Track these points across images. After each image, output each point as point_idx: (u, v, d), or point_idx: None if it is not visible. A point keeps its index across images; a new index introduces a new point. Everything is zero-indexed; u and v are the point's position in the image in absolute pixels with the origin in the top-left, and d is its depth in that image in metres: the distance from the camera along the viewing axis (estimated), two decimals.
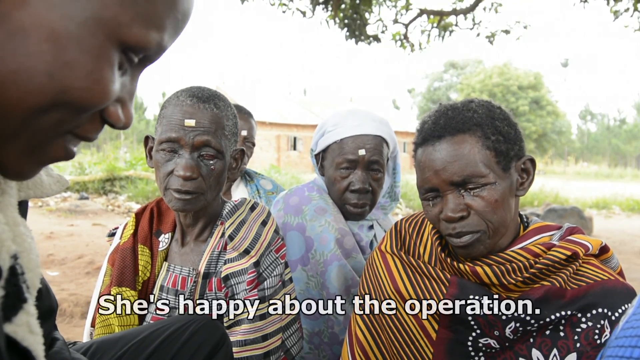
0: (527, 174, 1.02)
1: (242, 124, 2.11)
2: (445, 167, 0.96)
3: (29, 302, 0.47)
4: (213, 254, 1.23)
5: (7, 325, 0.44)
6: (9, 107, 0.41)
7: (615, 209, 11.45)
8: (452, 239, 0.99)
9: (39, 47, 0.40)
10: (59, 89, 0.41)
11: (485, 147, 0.96)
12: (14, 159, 0.45)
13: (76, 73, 0.41)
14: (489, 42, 7.49)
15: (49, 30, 0.40)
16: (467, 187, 0.96)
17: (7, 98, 0.40)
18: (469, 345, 1.00)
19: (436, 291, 1.04)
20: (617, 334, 0.62)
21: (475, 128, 0.97)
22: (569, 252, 0.95)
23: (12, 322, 0.45)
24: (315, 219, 1.52)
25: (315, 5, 6.56)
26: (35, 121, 0.43)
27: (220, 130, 1.21)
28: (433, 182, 0.98)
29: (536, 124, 35.88)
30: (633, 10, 6.25)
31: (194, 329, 1.01)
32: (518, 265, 0.96)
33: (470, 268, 0.98)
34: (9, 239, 0.45)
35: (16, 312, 0.45)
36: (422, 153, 1.01)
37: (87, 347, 0.95)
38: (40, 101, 0.41)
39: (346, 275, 1.49)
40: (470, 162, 0.95)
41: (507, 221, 0.98)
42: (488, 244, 0.98)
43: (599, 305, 0.92)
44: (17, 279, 0.46)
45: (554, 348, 0.94)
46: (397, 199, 1.70)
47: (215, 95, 1.24)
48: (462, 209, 0.96)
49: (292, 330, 1.32)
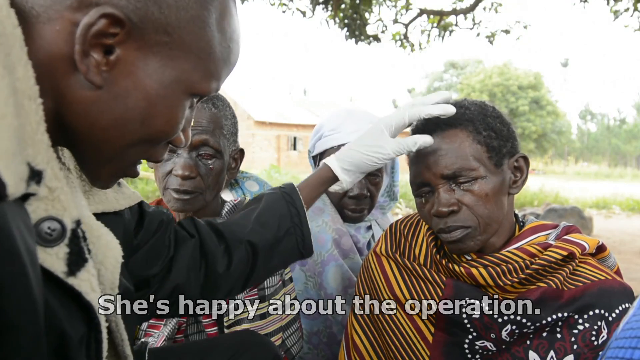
0: (520, 172, 1.02)
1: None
2: (436, 160, 0.97)
3: (89, 262, 0.55)
4: None
5: (71, 278, 0.51)
6: (110, 143, 0.57)
7: (615, 209, 11.45)
8: (443, 234, 0.99)
9: (137, 104, 0.55)
10: (146, 132, 0.57)
11: (477, 141, 0.97)
12: (104, 176, 0.62)
13: (160, 121, 0.57)
14: (489, 42, 7.49)
15: (145, 93, 0.55)
16: (458, 181, 0.96)
17: (109, 137, 0.56)
18: (465, 347, 1.00)
19: (432, 294, 1.03)
20: (617, 335, 0.62)
21: (467, 123, 0.98)
22: (565, 252, 0.94)
23: (77, 277, 0.52)
24: (313, 220, 1.51)
25: (315, 5, 6.56)
26: (125, 153, 0.59)
27: (218, 130, 1.21)
28: (425, 176, 0.99)
29: (536, 124, 35.87)
30: (633, 10, 6.25)
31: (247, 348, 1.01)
32: (514, 266, 0.95)
33: (466, 270, 0.98)
34: (73, 207, 0.54)
35: (79, 268, 0.52)
36: (417, 152, 1.02)
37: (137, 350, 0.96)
38: (132, 140, 0.57)
39: (343, 275, 1.49)
40: (460, 156, 0.95)
41: (499, 217, 0.98)
42: (479, 240, 0.97)
43: (596, 307, 0.92)
44: (79, 240, 0.54)
45: (551, 350, 0.94)
46: (396, 198, 1.70)
47: (213, 95, 1.24)
48: (453, 204, 0.96)
49: (292, 329, 1.32)
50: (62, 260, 0.51)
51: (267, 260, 0.94)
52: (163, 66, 0.55)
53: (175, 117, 0.59)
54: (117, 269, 0.63)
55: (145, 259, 0.83)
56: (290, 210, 0.95)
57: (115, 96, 0.54)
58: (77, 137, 0.56)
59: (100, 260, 0.61)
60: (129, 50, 0.53)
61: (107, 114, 0.54)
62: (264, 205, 0.95)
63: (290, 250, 0.96)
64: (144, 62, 0.54)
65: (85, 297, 0.53)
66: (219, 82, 0.62)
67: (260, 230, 0.92)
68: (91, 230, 0.60)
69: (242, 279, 0.93)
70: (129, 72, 0.54)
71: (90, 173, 0.62)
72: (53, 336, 0.50)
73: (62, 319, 0.51)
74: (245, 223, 0.93)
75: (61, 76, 0.52)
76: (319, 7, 6.60)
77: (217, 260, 0.89)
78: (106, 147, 0.57)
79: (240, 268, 0.92)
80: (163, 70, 0.55)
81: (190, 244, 0.89)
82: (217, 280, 0.90)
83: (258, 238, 0.92)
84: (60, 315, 0.51)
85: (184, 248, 0.88)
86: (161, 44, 0.54)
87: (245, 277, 0.94)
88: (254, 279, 0.96)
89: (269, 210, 0.94)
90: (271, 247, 0.93)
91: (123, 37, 0.52)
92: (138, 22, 0.52)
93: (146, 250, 0.84)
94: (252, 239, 0.91)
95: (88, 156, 0.59)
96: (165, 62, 0.55)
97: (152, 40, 0.53)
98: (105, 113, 0.54)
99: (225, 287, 0.92)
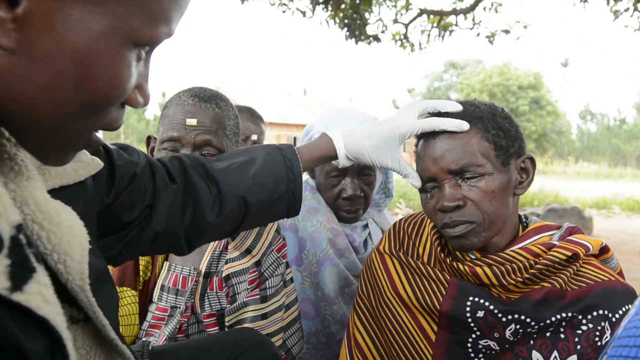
0: (526, 173, 1.02)
1: (253, 127, 2.09)
2: (444, 155, 0.97)
3: (38, 271, 0.48)
4: (214, 253, 1.23)
5: (18, 294, 0.45)
6: (46, 118, 0.47)
7: (615, 209, 11.45)
8: (446, 229, 0.99)
9: (65, 66, 0.45)
10: (85, 98, 0.47)
11: (485, 139, 0.97)
12: (53, 153, 0.52)
13: (99, 82, 0.47)
14: (489, 42, 7.49)
15: (72, 51, 0.45)
16: (464, 177, 0.96)
17: (42, 111, 0.47)
18: (468, 347, 1.00)
19: (435, 292, 1.03)
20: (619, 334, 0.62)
21: (476, 121, 0.99)
22: (569, 253, 0.95)
23: (24, 291, 0.45)
24: (307, 219, 1.51)
25: (315, 5, 6.56)
26: (69, 125, 0.49)
27: (221, 130, 1.21)
28: (431, 170, 0.99)
29: (536, 123, 35.87)
30: (633, 10, 6.25)
31: (246, 347, 1.02)
32: (518, 266, 0.95)
33: (470, 269, 0.98)
34: (10, 211, 0.48)
35: (26, 281, 0.46)
36: (423, 144, 1.02)
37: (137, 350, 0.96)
38: (71, 110, 0.48)
39: (340, 275, 1.48)
40: (468, 151, 0.96)
41: (504, 216, 0.98)
42: (482, 237, 0.97)
43: (600, 307, 0.92)
44: (22, 248, 0.47)
45: (554, 350, 0.94)
46: (391, 195, 1.69)
47: (216, 95, 1.25)
48: (458, 198, 0.96)
49: (292, 330, 1.32)
50: (2, 274, 0.44)
51: (255, 218, 0.94)
52: (89, 13, 0.44)
53: (118, 76, 0.48)
54: (85, 257, 0.57)
55: (118, 210, 0.80)
56: (288, 175, 0.94)
57: (34, 60, 0.44)
58: (5, 114, 0.47)
59: (64, 251, 0.55)
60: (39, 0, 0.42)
61: (30, 83, 0.45)
62: (263, 164, 0.93)
63: (279, 212, 0.96)
64: (63, 11, 0.43)
65: (37, 313, 0.46)
66: (169, 25, 0.51)
67: (258, 190, 0.91)
68: (50, 219, 0.54)
69: (227, 230, 0.93)
70: (45, 27, 0.43)
71: (36, 152, 0.52)
72: (10, 354, 0.45)
73: (17, 336, 0.45)
74: (243, 178, 0.91)
75: None
76: (319, 7, 6.60)
77: (206, 209, 0.88)
78: (42, 121, 0.48)
79: (230, 221, 0.91)
80: (90, 19, 0.44)
81: (172, 190, 0.86)
82: (203, 228, 0.89)
83: (254, 197, 0.91)
84: (14, 331, 0.45)
85: (165, 195, 0.85)
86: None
87: (231, 229, 0.94)
88: (237, 232, 0.97)
89: (268, 172, 0.93)
90: (265, 206, 0.93)
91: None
92: None
93: (119, 203, 0.80)
94: (248, 196, 0.90)
95: (26, 135, 0.50)
96: (91, 9, 0.44)
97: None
98: (27, 82, 0.44)
99: (210, 235, 0.92)
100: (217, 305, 1.22)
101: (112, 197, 0.79)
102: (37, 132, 0.49)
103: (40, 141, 0.50)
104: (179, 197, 0.87)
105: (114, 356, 0.63)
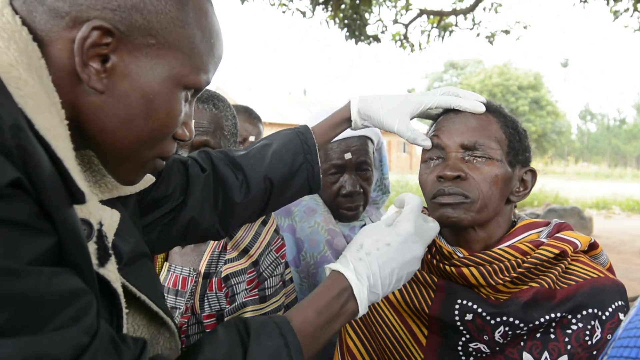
0: (524, 186, 1.03)
1: (251, 128, 2.06)
2: (461, 129, 0.98)
3: (112, 257, 0.62)
4: (213, 253, 1.23)
5: (102, 269, 0.59)
6: (121, 143, 0.64)
7: (615, 209, 11.46)
8: (438, 197, 0.97)
9: (137, 102, 0.62)
10: (150, 127, 0.64)
11: (503, 131, 0.99)
12: (127, 174, 0.70)
13: (160, 114, 0.65)
14: (489, 42, 7.50)
15: (142, 91, 0.62)
16: (473, 154, 0.97)
17: (119, 137, 0.64)
18: (459, 350, 0.99)
19: (424, 296, 1.03)
20: (619, 334, 0.62)
21: (498, 114, 1.01)
22: (557, 250, 0.94)
23: (105, 267, 0.60)
24: (305, 220, 1.51)
25: (315, 5, 6.57)
26: (139, 150, 0.67)
27: (219, 131, 1.21)
28: (444, 141, 0.99)
29: (536, 124, 35.90)
30: (633, 10, 6.25)
31: None
32: (505, 265, 0.95)
33: (457, 269, 0.97)
34: (96, 210, 0.64)
35: (106, 261, 0.60)
36: (443, 117, 1.03)
37: None
38: (141, 137, 0.65)
39: None
40: (484, 133, 0.98)
41: (495, 207, 0.97)
42: (470, 216, 0.96)
43: (589, 306, 0.92)
44: (103, 238, 0.62)
45: (544, 351, 0.93)
46: (388, 191, 1.69)
47: (214, 95, 1.25)
48: (460, 169, 0.96)
49: None
50: (93, 254, 0.58)
51: (280, 193, 1.03)
52: (154, 65, 0.63)
53: (173, 109, 0.66)
54: None
55: (153, 204, 0.93)
56: (303, 147, 1.02)
57: (117, 98, 0.61)
58: (93, 141, 0.64)
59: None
60: (122, 56, 0.60)
61: (113, 115, 0.62)
62: (279, 142, 1.03)
63: (302, 184, 1.04)
64: (137, 64, 0.61)
65: (113, 285, 0.60)
66: (207, 74, 0.69)
67: (277, 164, 1.00)
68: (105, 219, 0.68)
69: (257, 210, 1.03)
70: (125, 74, 0.61)
71: (114, 173, 0.70)
72: None
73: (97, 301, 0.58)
74: (262, 157, 1.01)
75: (71, 88, 0.60)
76: (319, 7, 6.60)
77: (234, 191, 0.98)
78: (119, 146, 0.65)
79: (258, 200, 1.01)
80: (154, 68, 0.63)
81: (202, 178, 0.97)
82: (235, 210, 0.99)
83: (275, 173, 1.00)
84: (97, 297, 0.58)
85: (197, 182, 0.96)
86: (149, 46, 0.62)
87: (261, 208, 1.03)
88: (267, 210, 1.05)
89: (284, 147, 1.02)
90: (286, 180, 1.02)
91: (115, 45, 0.59)
92: (125, 30, 0.60)
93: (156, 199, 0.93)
94: (270, 173, 1.00)
95: (107, 158, 0.67)
96: (156, 61, 0.63)
97: (140, 44, 0.61)
98: (111, 115, 0.62)
99: (242, 216, 1.02)
100: (217, 305, 1.22)
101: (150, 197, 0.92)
102: (116, 156, 0.66)
103: (117, 163, 0.68)
104: (209, 184, 0.97)
105: (163, 332, 0.75)
